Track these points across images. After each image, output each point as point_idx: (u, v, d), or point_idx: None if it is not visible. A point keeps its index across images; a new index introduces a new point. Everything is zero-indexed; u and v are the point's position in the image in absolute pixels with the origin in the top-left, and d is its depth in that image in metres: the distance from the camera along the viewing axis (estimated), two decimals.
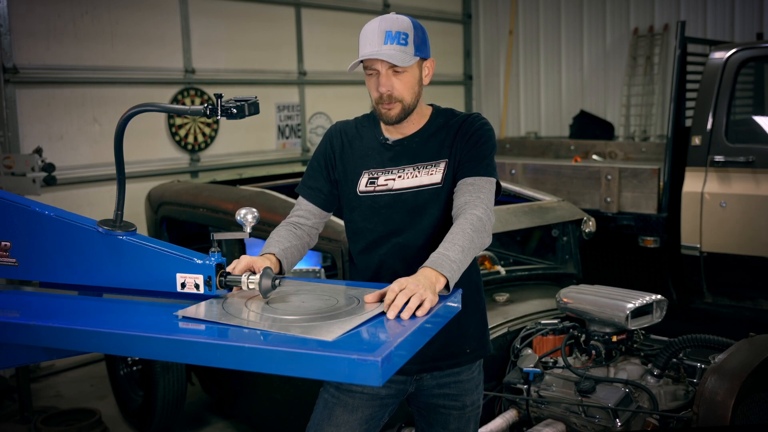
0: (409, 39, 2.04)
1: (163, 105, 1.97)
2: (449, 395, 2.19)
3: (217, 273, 1.86)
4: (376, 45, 2.03)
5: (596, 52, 8.44)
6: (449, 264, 1.84)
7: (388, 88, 2.05)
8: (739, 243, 4.26)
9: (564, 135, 8.34)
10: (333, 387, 2.17)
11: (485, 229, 1.96)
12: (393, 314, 1.70)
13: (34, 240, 1.99)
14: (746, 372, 2.37)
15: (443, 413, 2.21)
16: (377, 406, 2.17)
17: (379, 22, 2.05)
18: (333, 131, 2.25)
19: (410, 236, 2.11)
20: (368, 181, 2.14)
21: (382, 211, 2.12)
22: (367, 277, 2.18)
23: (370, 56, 2.02)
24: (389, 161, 2.14)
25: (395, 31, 2.03)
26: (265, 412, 3.64)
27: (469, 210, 1.97)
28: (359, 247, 2.19)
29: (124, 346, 1.69)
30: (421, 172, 2.12)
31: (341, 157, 2.20)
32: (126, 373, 4.31)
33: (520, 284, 3.54)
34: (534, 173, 5.00)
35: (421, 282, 1.76)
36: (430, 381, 2.18)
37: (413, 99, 2.10)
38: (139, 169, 5.94)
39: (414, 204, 2.10)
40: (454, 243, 1.89)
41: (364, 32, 2.07)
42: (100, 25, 5.76)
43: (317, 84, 7.52)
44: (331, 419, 2.14)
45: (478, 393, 2.25)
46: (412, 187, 2.11)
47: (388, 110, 2.08)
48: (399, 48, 2.02)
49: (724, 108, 4.38)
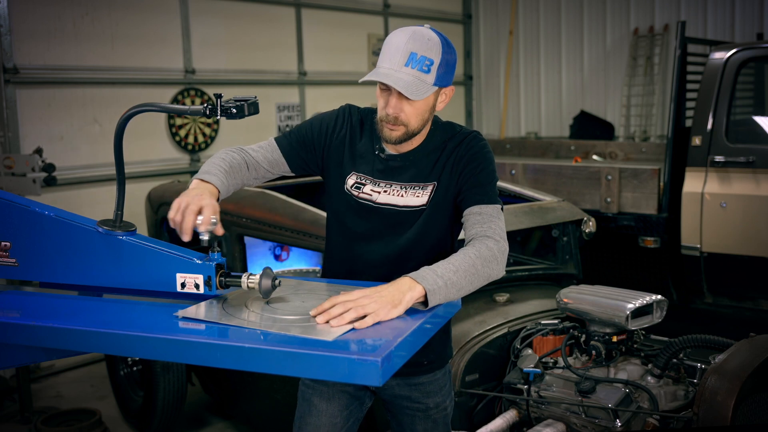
0: (432, 67, 1.92)
1: (163, 105, 1.96)
2: (411, 397, 2.20)
3: (217, 273, 1.85)
4: (396, 64, 1.91)
5: (596, 52, 8.44)
6: (433, 278, 1.76)
7: (396, 111, 1.96)
8: (740, 243, 4.25)
9: (564, 135, 8.35)
10: (308, 379, 2.20)
11: (496, 259, 1.88)
12: (321, 320, 1.65)
13: (34, 240, 1.99)
14: (746, 372, 2.37)
15: (409, 414, 2.22)
16: (351, 397, 2.19)
17: (409, 38, 1.92)
18: (343, 115, 2.16)
19: (385, 246, 2.09)
20: (355, 184, 2.11)
21: (363, 214, 2.10)
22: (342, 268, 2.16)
23: (383, 79, 1.90)
24: (379, 173, 2.09)
25: (421, 55, 1.90)
26: (265, 412, 3.64)
27: (480, 240, 1.91)
28: (335, 239, 2.18)
29: (124, 346, 1.69)
30: (408, 193, 2.07)
31: (339, 145, 2.14)
32: (126, 374, 4.31)
33: (520, 284, 3.53)
34: (534, 173, 5.00)
35: (382, 294, 1.70)
36: (390, 381, 2.18)
37: (420, 125, 2.01)
38: (139, 170, 5.94)
39: (395, 220, 2.08)
40: (448, 262, 1.82)
41: (390, 43, 1.94)
42: (101, 26, 5.77)
43: (317, 84, 7.52)
44: (311, 410, 2.18)
45: (443, 395, 2.24)
46: (395, 205, 2.07)
47: (390, 131, 2.00)
48: (418, 75, 1.90)
49: (724, 108, 4.38)
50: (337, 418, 2.17)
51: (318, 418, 2.17)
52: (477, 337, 2.96)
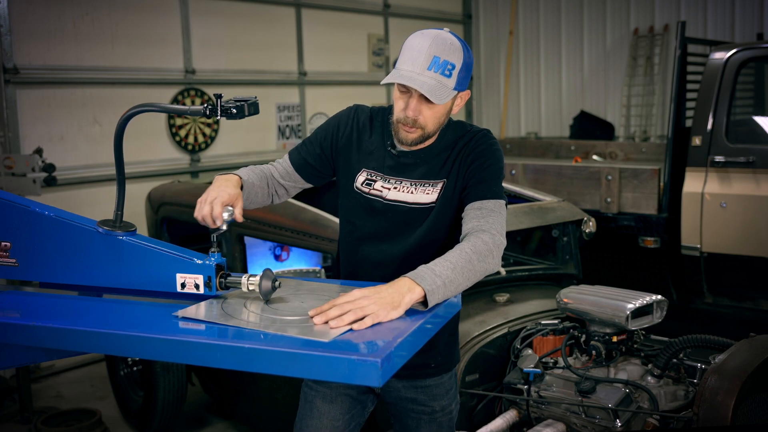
0: (454, 72, 1.93)
1: (163, 105, 1.96)
2: (416, 400, 2.19)
3: (217, 273, 1.85)
4: (419, 67, 1.91)
5: (596, 52, 8.44)
6: (431, 277, 1.75)
7: (416, 114, 1.97)
8: (740, 243, 4.26)
9: (564, 135, 8.35)
10: (311, 380, 2.19)
11: (491, 253, 1.86)
12: (319, 320, 1.65)
13: (34, 240, 1.99)
14: (747, 372, 2.37)
15: (414, 418, 2.21)
16: (354, 400, 2.19)
17: (431, 41, 1.92)
18: (349, 115, 2.19)
19: (395, 245, 2.09)
20: (365, 181, 2.12)
21: (373, 213, 2.11)
22: (346, 270, 2.18)
23: (408, 82, 1.90)
24: (389, 170, 2.10)
25: (443, 59, 1.91)
26: (265, 412, 3.64)
27: (475, 234, 1.90)
28: (346, 238, 2.19)
29: (124, 346, 1.69)
30: (418, 190, 2.07)
31: (346, 145, 2.15)
32: (126, 374, 4.31)
33: (521, 284, 3.53)
34: (534, 173, 5.00)
35: (381, 296, 1.69)
36: (395, 383, 2.18)
37: (436, 128, 2.03)
38: (139, 170, 5.94)
39: (404, 218, 2.08)
40: (445, 259, 1.81)
41: (412, 45, 1.94)
42: (101, 26, 5.77)
43: (317, 84, 7.53)
44: (313, 412, 2.17)
45: (449, 398, 2.24)
46: (405, 202, 2.07)
47: (407, 133, 2.00)
48: (441, 79, 1.91)
49: (724, 108, 4.38)
50: (339, 421, 2.16)
51: (319, 420, 2.16)
52: (477, 337, 2.96)
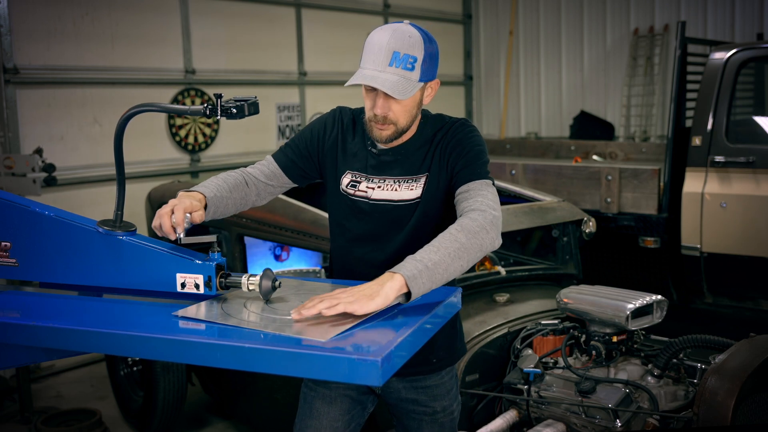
0: (416, 63, 1.92)
1: (163, 105, 1.96)
2: (417, 401, 2.18)
3: (217, 273, 1.85)
4: (380, 65, 1.90)
5: (596, 52, 8.44)
6: (412, 263, 1.72)
7: (384, 111, 1.96)
8: (740, 243, 4.25)
9: (564, 135, 8.35)
10: (311, 381, 2.19)
11: (483, 228, 1.82)
12: (295, 315, 1.65)
13: (34, 240, 1.99)
14: (747, 372, 2.37)
15: (415, 419, 2.20)
16: (353, 401, 2.18)
17: (389, 37, 1.91)
18: (334, 117, 2.19)
19: (386, 244, 2.09)
20: (350, 182, 2.12)
21: (360, 215, 2.11)
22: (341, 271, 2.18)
23: (369, 82, 1.89)
24: (372, 169, 2.11)
25: (404, 53, 1.90)
26: (265, 412, 3.64)
27: (464, 215, 1.88)
28: (338, 241, 2.19)
29: (124, 346, 1.69)
30: (402, 186, 2.08)
31: (332, 148, 2.16)
32: (126, 374, 4.31)
33: (521, 284, 3.53)
34: (534, 174, 5.00)
35: (359, 289, 1.68)
36: (396, 384, 2.18)
37: (409, 122, 2.02)
38: (139, 170, 5.94)
39: (391, 216, 2.08)
40: (430, 244, 1.77)
41: (371, 43, 1.93)
42: (101, 26, 5.77)
43: (317, 84, 7.52)
44: (312, 412, 2.17)
45: (450, 398, 2.22)
46: (390, 200, 2.08)
47: (380, 131, 2.00)
48: (403, 74, 1.91)
49: (724, 108, 4.38)
50: (338, 422, 2.16)
51: (318, 421, 2.16)
52: (477, 337, 2.96)
